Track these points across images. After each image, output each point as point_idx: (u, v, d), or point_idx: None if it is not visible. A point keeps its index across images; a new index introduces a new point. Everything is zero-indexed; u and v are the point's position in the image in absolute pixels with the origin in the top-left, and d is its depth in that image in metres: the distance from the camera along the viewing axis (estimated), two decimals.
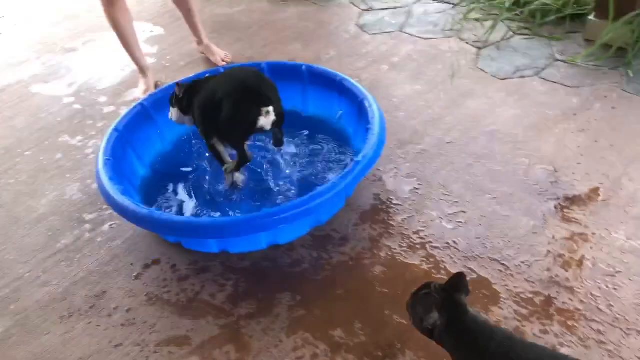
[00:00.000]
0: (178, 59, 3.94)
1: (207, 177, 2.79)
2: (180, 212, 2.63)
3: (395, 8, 4.11)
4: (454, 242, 2.38)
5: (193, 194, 2.72)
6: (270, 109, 2.31)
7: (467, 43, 3.62)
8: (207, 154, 2.75)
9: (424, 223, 2.48)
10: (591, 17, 3.47)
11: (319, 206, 2.24)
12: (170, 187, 2.76)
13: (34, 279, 2.47)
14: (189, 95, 2.57)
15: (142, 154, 2.86)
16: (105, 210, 2.72)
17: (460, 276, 1.62)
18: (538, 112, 3.01)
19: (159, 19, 4.46)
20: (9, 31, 4.51)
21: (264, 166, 2.78)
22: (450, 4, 4.05)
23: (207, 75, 2.70)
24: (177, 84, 2.60)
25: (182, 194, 2.73)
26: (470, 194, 2.59)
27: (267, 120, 2.32)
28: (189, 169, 2.87)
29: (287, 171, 2.76)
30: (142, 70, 3.56)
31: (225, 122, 2.34)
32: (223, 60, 3.78)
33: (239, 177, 2.69)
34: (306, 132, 2.98)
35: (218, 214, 2.60)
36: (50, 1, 4.87)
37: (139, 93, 3.51)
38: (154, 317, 2.24)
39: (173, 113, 2.68)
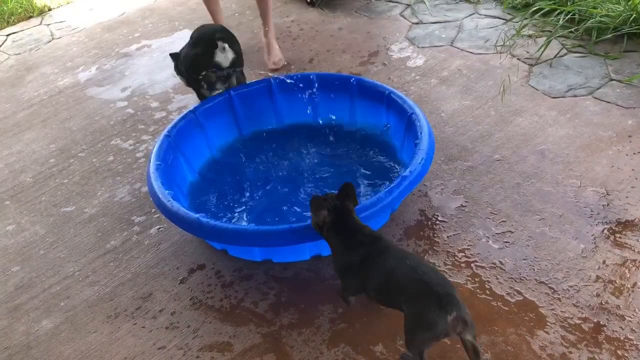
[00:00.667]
0: None
1: (249, 186, 2.84)
2: (226, 219, 2.67)
3: (445, 22, 4.08)
4: (500, 262, 2.35)
5: (237, 202, 2.76)
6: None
7: (518, 59, 3.56)
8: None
9: (469, 241, 2.45)
10: None
11: (364, 220, 2.23)
12: (217, 194, 2.81)
13: (83, 277, 2.55)
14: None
15: (192, 160, 2.92)
16: (154, 214, 2.78)
17: (348, 186, 2.03)
18: (590, 133, 2.94)
19: (228, 19, 4.47)
20: (67, 35, 4.67)
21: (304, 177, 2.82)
22: (502, 19, 4.00)
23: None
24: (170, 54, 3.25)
25: (228, 201, 2.77)
26: (518, 214, 2.54)
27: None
28: (235, 176, 2.91)
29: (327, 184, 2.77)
30: None
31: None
32: (274, 64, 3.78)
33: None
34: (352, 144, 2.99)
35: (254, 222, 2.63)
36: (107, 7, 5.02)
37: None
38: (198, 322, 2.28)
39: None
